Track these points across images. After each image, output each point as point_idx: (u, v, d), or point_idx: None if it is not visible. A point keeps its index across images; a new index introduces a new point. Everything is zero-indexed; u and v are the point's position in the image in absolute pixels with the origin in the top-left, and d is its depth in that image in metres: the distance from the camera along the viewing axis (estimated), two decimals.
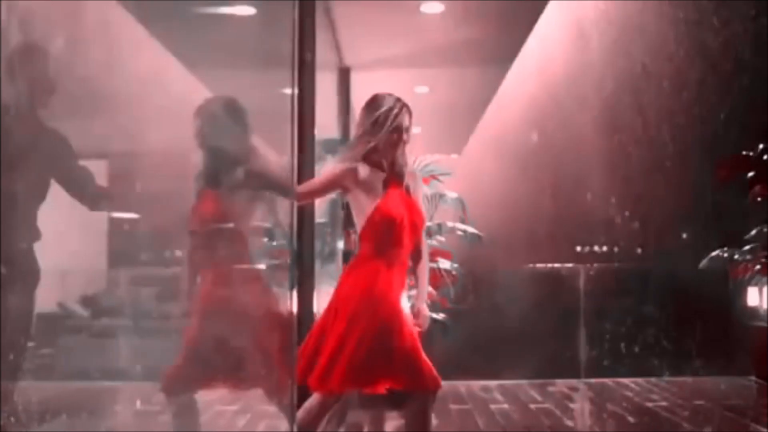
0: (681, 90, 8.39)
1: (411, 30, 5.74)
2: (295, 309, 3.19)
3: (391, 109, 3.03)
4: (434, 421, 4.95)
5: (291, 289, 3.00)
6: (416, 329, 3.03)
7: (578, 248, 8.32)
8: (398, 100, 3.08)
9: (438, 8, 5.27)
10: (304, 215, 3.38)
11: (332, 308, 2.98)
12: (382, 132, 3.00)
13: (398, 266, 2.98)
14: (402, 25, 5.59)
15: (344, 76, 6.50)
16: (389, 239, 2.96)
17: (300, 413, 2.96)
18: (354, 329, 2.86)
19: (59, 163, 2.89)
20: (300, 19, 3.58)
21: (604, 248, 8.39)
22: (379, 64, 6.47)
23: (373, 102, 3.09)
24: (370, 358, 2.85)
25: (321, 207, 6.54)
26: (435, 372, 2.97)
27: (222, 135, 2.94)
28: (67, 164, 2.89)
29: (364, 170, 3.00)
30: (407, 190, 3.05)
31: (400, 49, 6.13)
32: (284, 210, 2.97)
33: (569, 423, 5.06)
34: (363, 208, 2.99)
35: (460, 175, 6.40)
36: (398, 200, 3.00)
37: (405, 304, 3.03)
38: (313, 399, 3.01)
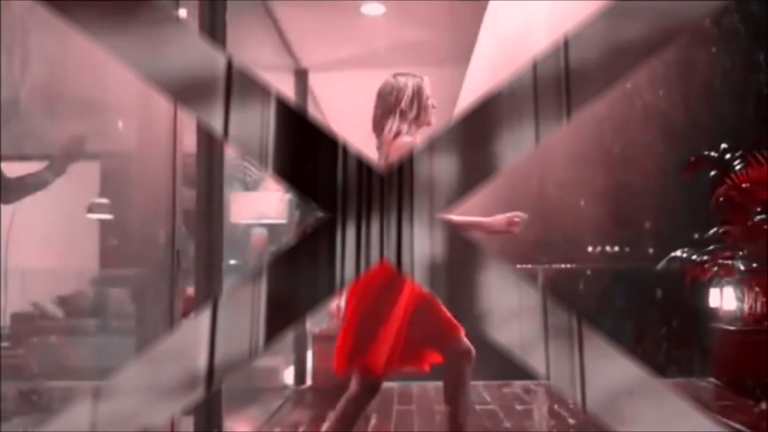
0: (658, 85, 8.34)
1: (359, 31, 5.75)
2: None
3: (421, 87, 2.87)
4: (373, 420, 4.97)
5: (171, 286, 3.01)
6: None
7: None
8: (414, 75, 2.90)
9: (379, 10, 5.27)
10: (212, 213, 3.36)
11: (351, 298, 2.96)
12: (428, 112, 2.86)
13: None
14: (348, 26, 5.60)
15: (302, 77, 6.51)
16: None
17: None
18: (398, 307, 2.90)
19: None
20: (210, 20, 3.58)
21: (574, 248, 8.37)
22: (337, 64, 6.48)
23: (392, 87, 2.87)
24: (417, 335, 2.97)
25: (278, 208, 6.58)
26: None
27: None
28: None
29: None
30: None
31: (354, 50, 6.15)
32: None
33: (507, 424, 5.04)
34: None
35: None
36: None
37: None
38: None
